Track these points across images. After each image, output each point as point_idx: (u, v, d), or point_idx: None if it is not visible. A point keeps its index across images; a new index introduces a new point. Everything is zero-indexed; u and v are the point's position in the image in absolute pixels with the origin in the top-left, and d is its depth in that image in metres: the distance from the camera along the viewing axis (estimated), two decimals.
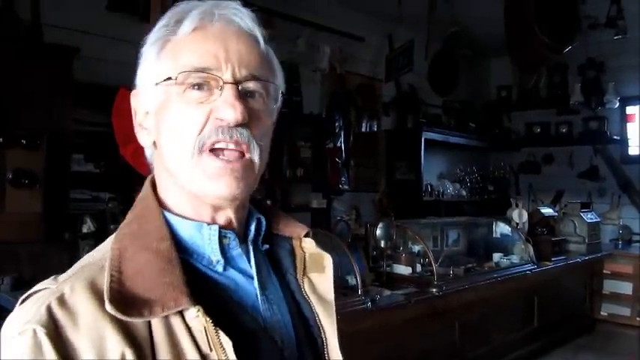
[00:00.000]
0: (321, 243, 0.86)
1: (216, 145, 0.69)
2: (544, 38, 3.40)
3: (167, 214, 0.73)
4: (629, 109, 6.41)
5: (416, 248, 3.96)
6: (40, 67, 2.89)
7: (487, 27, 5.04)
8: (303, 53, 4.73)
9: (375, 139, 5.94)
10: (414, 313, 3.18)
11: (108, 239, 0.73)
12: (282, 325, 0.75)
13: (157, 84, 0.72)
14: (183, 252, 0.70)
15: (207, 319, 0.64)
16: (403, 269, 3.66)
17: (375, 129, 5.92)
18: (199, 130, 0.69)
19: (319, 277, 0.84)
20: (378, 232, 3.73)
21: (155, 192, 0.76)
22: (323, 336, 0.79)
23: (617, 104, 6.15)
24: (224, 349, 0.64)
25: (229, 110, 0.68)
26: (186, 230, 0.73)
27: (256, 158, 0.72)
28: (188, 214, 0.74)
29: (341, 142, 5.51)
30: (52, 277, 0.68)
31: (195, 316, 0.64)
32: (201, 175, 0.69)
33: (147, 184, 0.78)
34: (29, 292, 0.66)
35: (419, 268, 3.72)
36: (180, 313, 0.64)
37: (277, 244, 0.83)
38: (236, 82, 0.70)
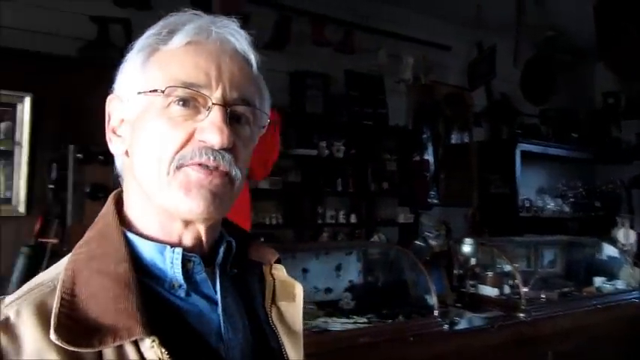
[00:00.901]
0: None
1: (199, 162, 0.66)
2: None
3: (129, 233, 0.69)
4: None
5: (507, 268, 3.69)
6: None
7: (588, 30, 4.66)
8: (385, 65, 4.63)
9: (466, 151, 5.66)
10: (498, 340, 2.94)
11: (64, 258, 0.69)
12: (244, 355, 0.70)
13: (139, 93, 0.68)
14: (143, 274, 0.66)
15: (163, 350, 0.60)
16: (489, 290, 3.42)
17: (467, 140, 5.66)
18: (179, 148, 0.65)
19: (288, 306, 0.80)
20: (463, 249, 3.54)
21: (117, 208, 0.72)
22: None
23: None
24: None
25: (216, 134, 0.65)
26: (147, 252, 0.69)
27: (236, 181, 0.69)
28: (153, 232, 0.69)
29: (429, 155, 5.32)
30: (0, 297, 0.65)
31: (150, 347, 0.60)
32: (177, 189, 0.65)
33: (110, 199, 0.74)
34: None
35: (507, 289, 3.46)
36: (136, 343, 0.60)
37: (246, 269, 0.79)
38: (225, 104, 0.67)
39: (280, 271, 0.82)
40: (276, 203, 4.30)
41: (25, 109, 2.82)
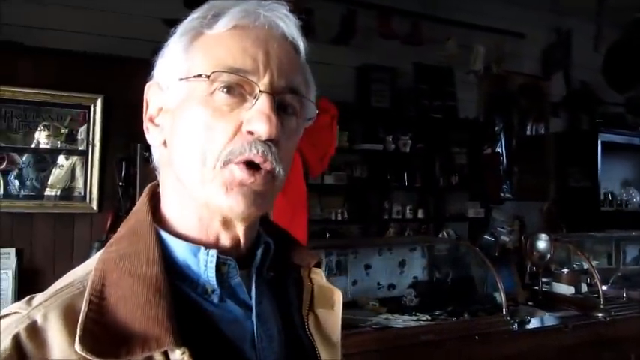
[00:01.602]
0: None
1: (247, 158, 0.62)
2: None
3: (162, 231, 0.66)
4: None
5: (584, 265, 3.50)
6: None
7: None
8: (455, 55, 4.49)
9: (542, 144, 5.41)
10: (572, 340, 2.79)
11: (95, 255, 0.67)
12: None
13: (181, 79, 0.64)
14: (175, 277, 0.63)
15: None
16: (565, 289, 3.27)
17: (543, 132, 5.40)
18: (227, 142, 0.61)
19: (327, 314, 0.75)
20: (537, 245, 3.39)
21: (152, 203, 0.69)
22: None
23: None
24: None
25: (264, 123, 0.60)
26: (180, 252, 0.65)
27: (278, 177, 0.65)
28: (190, 230, 0.66)
29: (501, 148, 5.13)
30: (27, 297, 0.63)
31: (180, 358, 0.57)
32: (220, 185, 0.62)
33: (145, 193, 0.70)
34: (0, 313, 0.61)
35: (584, 288, 3.29)
36: (165, 352, 0.57)
37: (283, 272, 0.75)
38: (273, 93, 0.62)
39: (319, 276, 0.77)
40: (341, 199, 4.30)
41: (97, 110, 3.01)
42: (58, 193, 2.97)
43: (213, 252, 0.64)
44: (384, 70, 4.46)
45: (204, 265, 0.64)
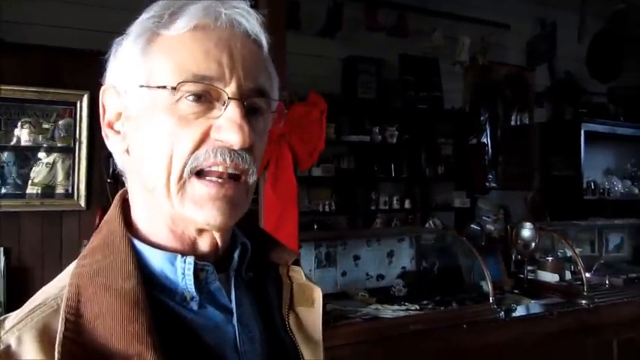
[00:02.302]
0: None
1: (212, 168, 0.60)
2: None
3: (136, 241, 0.64)
4: None
5: (568, 253, 3.56)
6: None
7: None
8: (441, 47, 4.52)
9: (526, 133, 5.47)
10: (557, 327, 2.84)
11: (68, 268, 0.64)
12: None
13: (141, 86, 0.61)
14: (153, 287, 0.61)
15: None
16: (549, 276, 3.32)
17: (527, 122, 5.46)
18: (193, 149, 0.59)
19: (307, 313, 0.74)
20: (522, 234, 3.44)
21: (123, 212, 0.66)
22: None
23: None
24: None
25: (236, 133, 0.59)
26: (156, 262, 0.63)
27: (251, 182, 0.64)
28: (163, 239, 0.64)
29: (487, 138, 5.18)
30: (0, 318, 0.60)
31: None
32: (190, 199, 0.60)
33: (115, 202, 0.68)
34: None
35: (568, 275, 3.35)
36: None
37: (261, 271, 0.74)
38: (241, 98, 0.60)
39: (298, 274, 0.76)
40: (329, 190, 4.32)
41: (83, 107, 2.98)
42: (40, 191, 2.93)
43: (191, 259, 0.63)
44: (370, 61, 4.47)
45: (181, 274, 0.63)
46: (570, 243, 3.39)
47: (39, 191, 2.93)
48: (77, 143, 2.97)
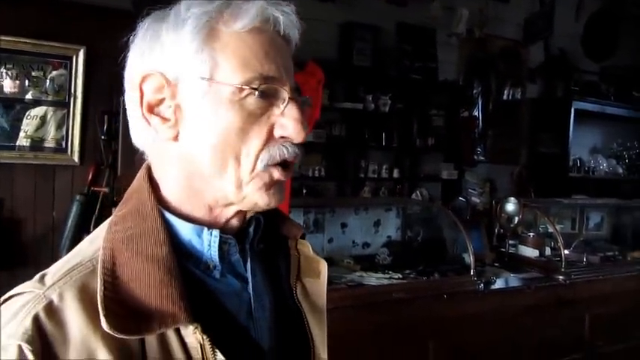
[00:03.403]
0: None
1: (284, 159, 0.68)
2: None
3: (166, 213, 0.68)
4: None
5: (549, 229, 3.66)
6: None
7: None
8: (439, 17, 4.49)
9: (517, 109, 5.49)
10: (533, 301, 2.95)
11: (99, 229, 0.69)
12: (271, 332, 0.71)
13: (203, 79, 0.64)
14: (180, 255, 0.66)
15: (205, 336, 0.61)
16: (530, 251, 3.42)
17: (519, 97, 5.48)
18: (263, 146, 0.66)
19: (313, 283, 0.80)
20: (506, 208, 3.52)
21: (151, 184, 0.70)
22: (311, 346, 0.76)
23: None
24: None
25: (300, 130, 0.66)
26: (185, 233, 0.68)
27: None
28: (195, 213, 0.69)
29: (478, 111, 5.20)
30: (38, 276, 0.64)
31: (192, 333, 0.61)
32: (260, 187, 0.67)
33: (142, 173, 0.71)
34: (12, 292, 0.62)
35: (548, 251, 3.45)
36: (177, 328, 0.61)
37: (272, 243, 0.79)
38: (294, 97, 0.68)
39: (305, 247, 0.82)
40: (319, 156, 4.34)
41: (79, 62, 2.95)
42: (30, 143, 2.93)
43: (217, 232, 0.69)
44: (368, 28, 4.43)
45: (207, 245, 0.69)
46: (552, 220, 3.48)
47: (29, 143, 2.92)
48: (72, 98, 2.96)
